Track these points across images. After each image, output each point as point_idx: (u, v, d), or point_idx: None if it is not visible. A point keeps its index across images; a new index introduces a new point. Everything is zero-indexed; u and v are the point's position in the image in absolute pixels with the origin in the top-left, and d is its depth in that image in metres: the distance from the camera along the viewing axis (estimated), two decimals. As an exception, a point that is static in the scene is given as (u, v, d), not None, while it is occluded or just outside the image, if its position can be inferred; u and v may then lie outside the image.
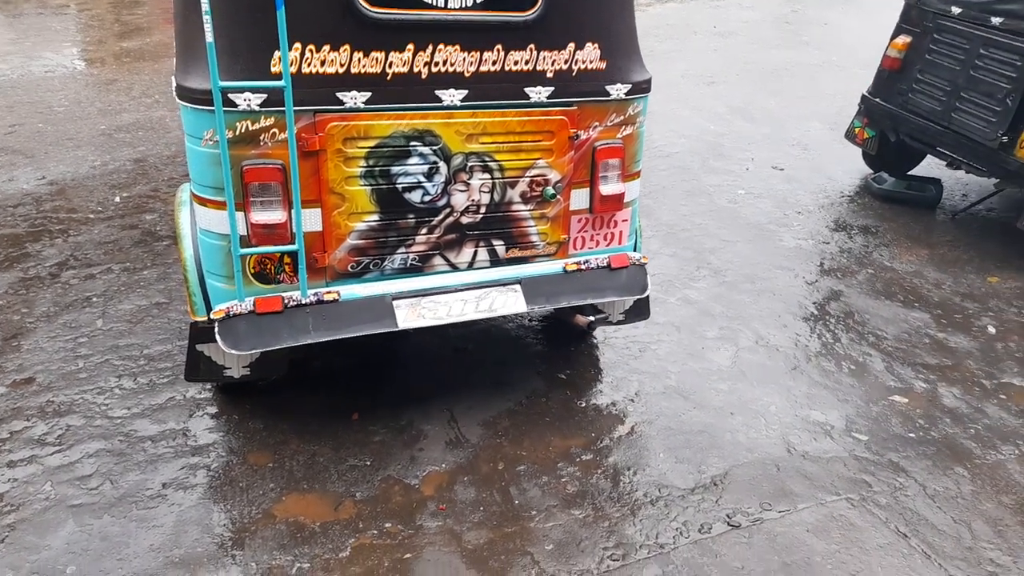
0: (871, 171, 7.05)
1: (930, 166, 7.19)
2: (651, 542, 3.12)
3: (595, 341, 4.45)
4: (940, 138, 5.96)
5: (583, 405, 3.95)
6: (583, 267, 3.60)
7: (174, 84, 2.93)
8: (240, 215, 2.95)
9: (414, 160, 3.15)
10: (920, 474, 3.60)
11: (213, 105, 2.72)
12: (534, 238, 3.50)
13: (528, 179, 3.38)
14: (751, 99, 9.28)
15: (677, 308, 4.89)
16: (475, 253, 3.43)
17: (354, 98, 2.98)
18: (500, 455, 3.56)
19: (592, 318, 3.80)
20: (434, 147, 3.16)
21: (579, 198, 3.53)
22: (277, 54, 2.82)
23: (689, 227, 5.99)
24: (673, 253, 5.58)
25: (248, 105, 2.83)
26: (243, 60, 2.82)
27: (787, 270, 5.51)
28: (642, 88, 3.46)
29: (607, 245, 3.71)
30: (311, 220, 3.09)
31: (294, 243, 3.02)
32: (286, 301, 3.11)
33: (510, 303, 3.44)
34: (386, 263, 3.28)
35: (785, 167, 7.32)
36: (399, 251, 3.28)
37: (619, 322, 4.01)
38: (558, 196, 3.43)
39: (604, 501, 3.33)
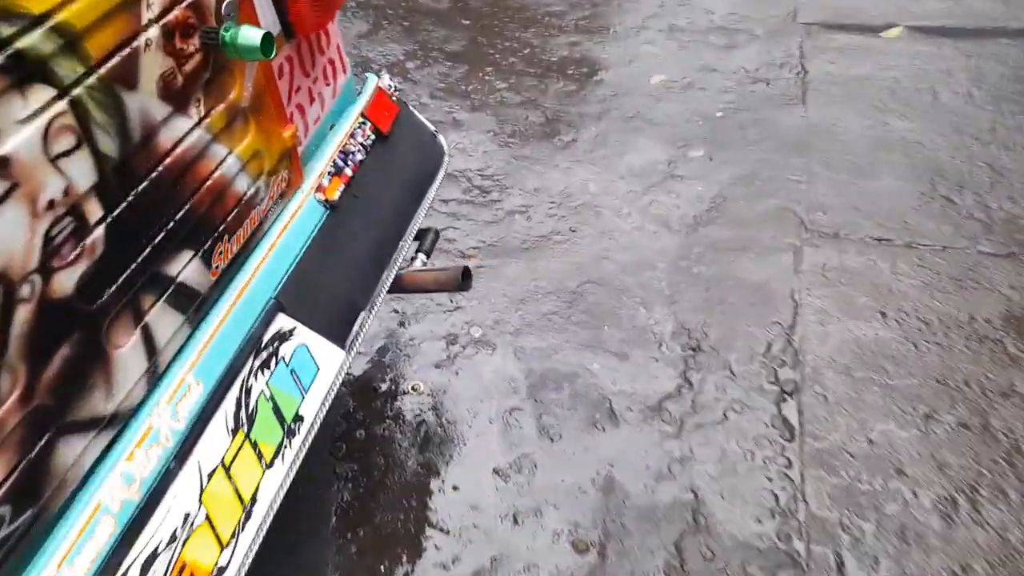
0: None
1: None
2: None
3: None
4: None
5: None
6: (350, 166, 1.46)
7: None
8: None
9: None
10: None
11: None
12: (242, 184, 1.21)
13: (168, 22, 0.99)
14: None
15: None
16: (147, 332, 1.06)
17: None
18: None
19: (424, 258, 1.71)
20: None
21: (264, 10, 1.25)
22: None
23: None
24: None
25: None
26: None
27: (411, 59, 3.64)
28: None
29: (335, 93, 1.55)
30: None
31: None
32: None
33: (312, 368, 1.27)
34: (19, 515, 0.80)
35: None
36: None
37: None
38: (268, 40, 1.11)
39: None
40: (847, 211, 2.48)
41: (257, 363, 1.20)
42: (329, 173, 1.42)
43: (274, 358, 1.22)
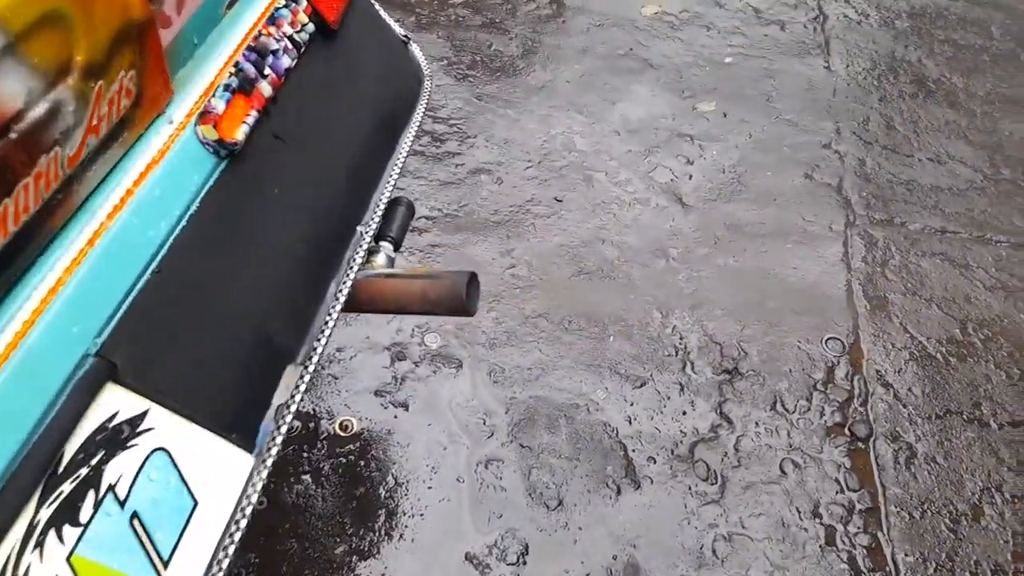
0: None
1: None
2: None
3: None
4: None
5: None
6: (267, 78, 0.77)
7: None
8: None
9: None
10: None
11: None
12: (10, 88, 0.51)
13: None
14: None
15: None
16: None
17: None
18: None
19: (391, 249, 1.02)
20: None
21: None
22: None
23: None
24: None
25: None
26: None
27: None
28: None
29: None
30: None
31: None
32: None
33: (183, 502, 0.59)
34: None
35: None
36: None
37: None
38: None
39: None
40: (898, 191, 1.97)
41: (48, 512, 0.52)
42: (228, 89, 0.73)
43: (91, 492, 0.54)
